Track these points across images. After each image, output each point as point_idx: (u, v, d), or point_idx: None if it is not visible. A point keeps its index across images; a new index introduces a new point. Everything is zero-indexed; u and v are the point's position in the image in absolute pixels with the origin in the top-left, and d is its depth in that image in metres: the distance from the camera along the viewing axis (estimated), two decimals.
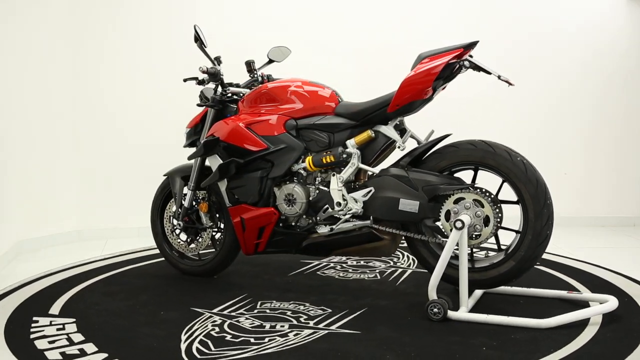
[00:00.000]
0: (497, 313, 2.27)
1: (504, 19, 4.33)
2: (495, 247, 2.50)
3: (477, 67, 2.35)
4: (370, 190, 2.47)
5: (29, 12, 3.74)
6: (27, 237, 3.76)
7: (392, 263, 3.20)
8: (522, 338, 2.10)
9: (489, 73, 2.34)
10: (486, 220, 2.34)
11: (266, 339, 2.11)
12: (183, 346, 2.06)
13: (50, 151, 3.90)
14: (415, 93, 2.36)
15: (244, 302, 2.54)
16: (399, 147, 2.50)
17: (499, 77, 2.33)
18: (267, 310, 2.44)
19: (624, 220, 4.41)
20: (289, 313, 2.40)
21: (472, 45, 2.35)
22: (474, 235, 2.37)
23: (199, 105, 2.86)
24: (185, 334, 2.18)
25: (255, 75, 2.93)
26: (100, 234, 4.05)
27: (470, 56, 2.37)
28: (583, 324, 2.20)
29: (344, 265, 3.17)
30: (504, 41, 4.29)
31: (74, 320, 2.33)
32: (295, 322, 2.29)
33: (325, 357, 1.96)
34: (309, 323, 2.28)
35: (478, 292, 2.52)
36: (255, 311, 2.43)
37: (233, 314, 2.40)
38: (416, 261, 3.17)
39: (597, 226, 4.36)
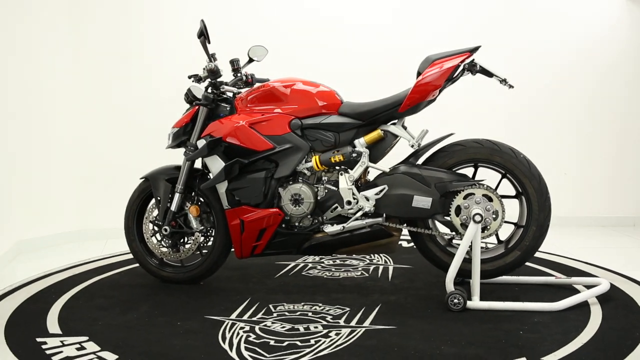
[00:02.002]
0: (499, 300, 2.45)
1: (502, 22, 4.36)
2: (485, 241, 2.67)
3: (484, 71, 2.50)
4: (384, 188, 2.52)
5: (29, 13, 3.72)
6: (27, 237, 3.73)
7: (368, 260, 3.24)
8: (544, 321, 2.28)
9: (491, 76, 2.50)
10: (494, 214, 2.49)
11: (312, 341, 2.11)
12: (233, 354, 2.01)
13: (51, 151, 3.87)
14: (426, 94, 2.49)
15: (255, 307, 2.49)
16: (412, 146, 2.59)
17: (500, 81, 2.49)
18: (287, 313, 2.41)
19: (624, 220, 4.44)
20: (310, 314, 2.40)
21: (476, 49, 2.50)
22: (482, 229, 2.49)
23: (197, 104, 2.76)
24: (223, 342, 2.12)
25: (240, 75, 2.87)
26: (100, 234, 4.04)
27: (473, 59, 2.52)
28: (587, 308, 2.42)
29: (322, 265, 3.17)
30: (503, 42, 4.31)
31: (87, 337, 2.17)
32: (324, 322, 2.31)
33: (388, 353, 2.00)
34: (339, 322, 2.30)
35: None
36: (275, 315, 2.40)
37: (254, 319, 2.35)
38: (391, 258, 3.28)
39: (597, 226, 4.38)
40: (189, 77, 2.86)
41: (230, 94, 2.81)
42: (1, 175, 3.45)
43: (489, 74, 2.51)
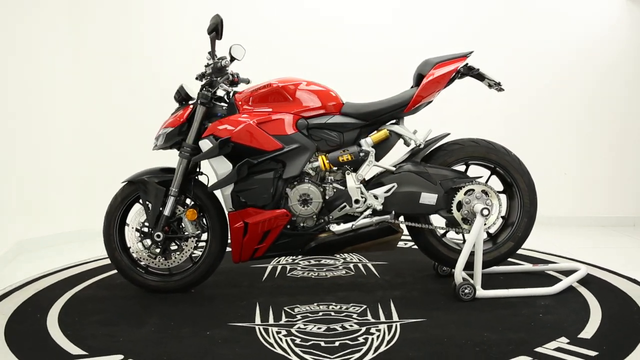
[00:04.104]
0: (492, 288, 2.61)
1: (502, 22, 4.38)
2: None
3: (478, 75, 2.66)
4: (393, 186, 2.58)
5: (29, 13, 3.72)
6: (27, 237, 3.73)
7: (342, 260, 3.27)
8: (550, 304, 2.47)
9: (483, 79, 2.67)
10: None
11: (360, 339, 2.11)
12: (295, 358, 1.95)
13: (51, 151, 3.87)
14: (429, 95, 2.61)
15: (271, 311, 2.43)
16: (418, 145, 2.68)
17: (489, 85, 2.67)
18: (309, 315, 2.38)
19: (624, 220, 4.44)
20: (332, 314, 2.39)
21: (470, 54, 2.65)
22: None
23: (201, 103, 2.62)
24: (271, 348, 2.04)
25: (227, 74, 2.74)
26: (100, 234, 4.00)
27: (467, 63, 2.66)
28: (576, 291, 2.67)
29: (301, 266, 3.16)
30: (503, 42, 4.32)
31: (122, 356, 2.00)
32: (354, 320, 2.31)
33: (442, 344, 2.05)
34: (368, 319, 2.32)
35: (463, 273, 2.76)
36: (299, 317, 2.35)
37: (281, 322, 2.30)
38: (364, 256, 3.33)
39: (597, 226, 4.38)
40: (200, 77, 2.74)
41: (222, 93, 2.72)
42: (1, 175, 3.45)
43: (481, 77, 2.67)
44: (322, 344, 2.07)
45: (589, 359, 1.93)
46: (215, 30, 2.58)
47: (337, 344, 2.06)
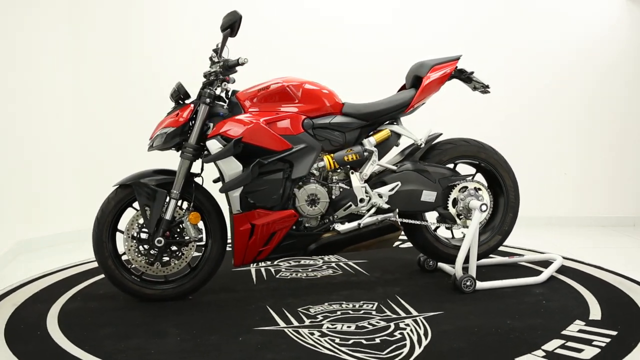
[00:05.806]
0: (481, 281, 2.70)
1: (502, 22, 4.38)
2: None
3: (468, 78, 2.79)
4: (397, 185, 2.65)
5: (29, 12, 3.72)
6: (27, 237, 3.73)
7: (322, 260, 3.29)
8: (545, 292, 2.62)
9: (471, 82, 2.79)
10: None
11: (396, 334, 2.13)
12: (347, 357, 1.93)
13: (51, 151, 3.88)
14: (427, 96, 2.72)
15: (287, 312, 2.39)
16: (420, 145, 2.75)
17: (474, 88, 2.80)
18: (328, 314, 2.37)
19: (624, 220, 4.45)
20: (350, 312, 2.39)
21: (459, 57, 2.78)
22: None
23: (208, 104, 2.53)
24: (317, 349, 2.00)
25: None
26: None
27: (456, 66, 2.78)
28: (559, 279, 2.84)
29: (285, 268, 3.14)
30: (503, 42, 4.32)
31: None
32: (378, 317, 2.32)
33: (475, 334, 2.11)
34: (389, 315, 2.35)
35: (448, 267, 2.94)
36: (320, 317, 2.33)
37: (306, 323, 2.26)
38: (341, 256, 3.37)
39: (597, 226, 4.39)
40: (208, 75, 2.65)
41: (218, 91, 2.63)
42: (1, 175, 3.45)
43: (468, 80, 2.79)
44: (364, 341, 2.07)
45: (614, 338, 2.04)
46: (231, 27, 2.51)
47: (377, 340, 2.07)
